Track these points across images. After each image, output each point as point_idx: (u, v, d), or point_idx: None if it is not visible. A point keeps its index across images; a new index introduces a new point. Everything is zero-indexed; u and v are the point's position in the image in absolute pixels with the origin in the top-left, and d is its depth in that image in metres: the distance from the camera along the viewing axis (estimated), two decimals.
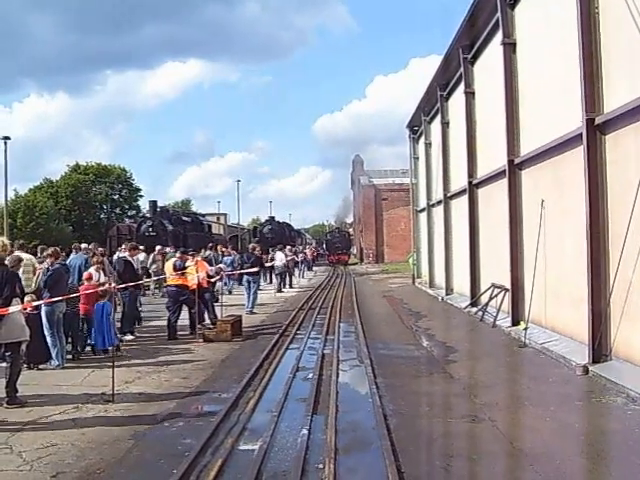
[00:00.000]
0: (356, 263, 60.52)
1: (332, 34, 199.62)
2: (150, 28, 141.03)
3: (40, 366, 9.97)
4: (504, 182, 14.23)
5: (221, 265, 17.87)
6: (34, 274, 10.90)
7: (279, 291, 25.45)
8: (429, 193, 26.58)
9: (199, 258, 14.74)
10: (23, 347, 8.38)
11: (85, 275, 11.53)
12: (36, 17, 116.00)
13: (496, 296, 15.26)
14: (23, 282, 10.75)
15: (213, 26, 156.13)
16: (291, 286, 28.61)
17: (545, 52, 12.13)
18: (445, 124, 22.35)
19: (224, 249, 27.04)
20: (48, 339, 10.04)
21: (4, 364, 8.19)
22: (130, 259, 14.11)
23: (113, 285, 11.23)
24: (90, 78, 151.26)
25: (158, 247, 23.84)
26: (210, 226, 44.84)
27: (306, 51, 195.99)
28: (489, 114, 16.34)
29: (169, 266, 14.00)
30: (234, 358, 11.19)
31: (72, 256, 14.16)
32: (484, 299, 16.24)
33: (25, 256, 11.23)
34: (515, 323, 13.43)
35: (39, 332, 9.77)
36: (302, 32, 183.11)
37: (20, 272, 10.89)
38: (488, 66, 16.43)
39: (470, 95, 18.14)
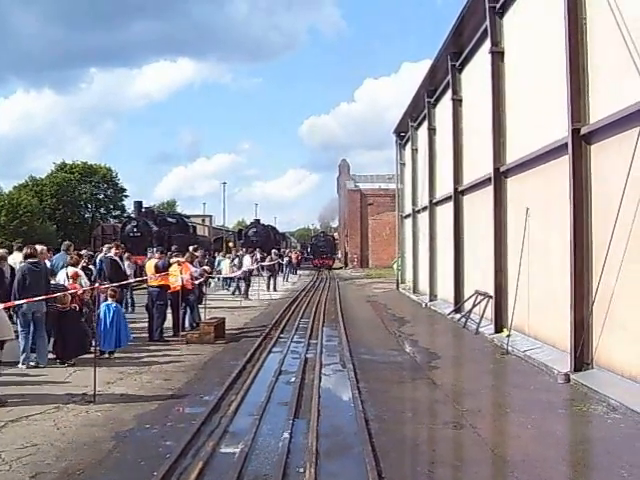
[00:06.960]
0: (341, 267, 60.52)
1: (323, 36, 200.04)
2: (138, 26, 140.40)
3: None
4: (490, 189, 14.30)
5: (206, 267, 17.75)
6: None
7: (240, 294, 24.31)
8: (415, 199, 26.69)
9: (183, 259, 14.62)
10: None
11: (71, 273, 11.25)
12: (22, 12, 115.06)
13: (479, 303, 15.33)
14: None
15: (202, 25, 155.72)
16: (275, 289, 28.58)
17: (532, 61, 12.22)
18: (432, 130, 22.48)
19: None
20: (20, 338, 9.86)
21: None
22: (116, 258, 14.01)
23: (96, 285, 11.09)
24: (76, 75, 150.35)
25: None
26: (195, 228, 44.63)
27: (296, 53, 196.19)
28: (476, 121, 16.43)
29: (151, 266, 13.88)
30: (217, 360, 11.15)
31: (56, 255, 13.99)
32: (467, 306, 16.31)
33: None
34: (498, 330, 13.49)
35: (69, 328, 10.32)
36: (292, 33, 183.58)
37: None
38: (476, 74, 16.54)
39: (457, 102, 18.25)
